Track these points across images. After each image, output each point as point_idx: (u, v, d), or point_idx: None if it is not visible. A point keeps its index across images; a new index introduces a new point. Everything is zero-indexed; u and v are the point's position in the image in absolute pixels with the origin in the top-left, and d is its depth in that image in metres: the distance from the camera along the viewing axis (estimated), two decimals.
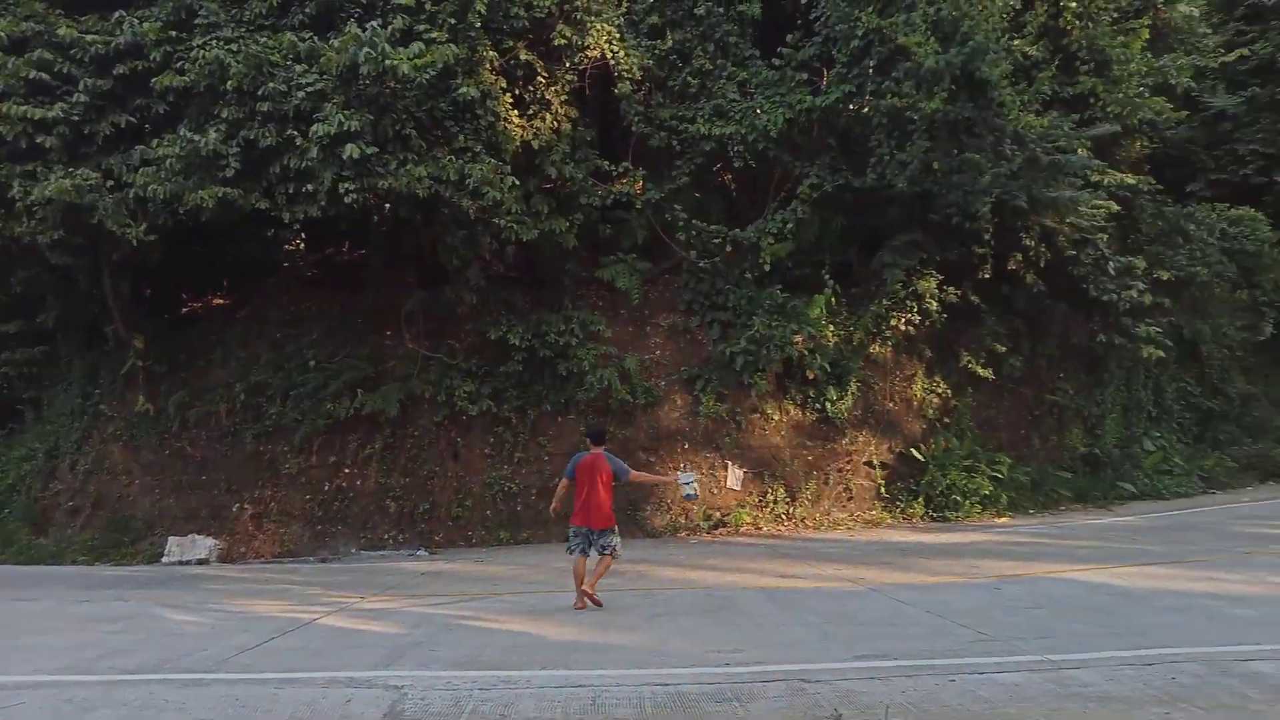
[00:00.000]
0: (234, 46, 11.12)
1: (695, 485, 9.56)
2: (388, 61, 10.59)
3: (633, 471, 9.29)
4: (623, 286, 14.08)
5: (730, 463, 13.73)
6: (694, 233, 13.91)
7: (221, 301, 17.03)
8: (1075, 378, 15.63)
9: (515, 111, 12.35)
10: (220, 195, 10.98)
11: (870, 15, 12.49)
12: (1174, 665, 6.72)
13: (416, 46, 11.00)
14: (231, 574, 12.37)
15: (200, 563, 13.14)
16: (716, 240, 13.88)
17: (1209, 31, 17.75)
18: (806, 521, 13.64)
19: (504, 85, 12.14)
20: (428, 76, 10.98)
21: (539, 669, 6.94)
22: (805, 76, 13.50)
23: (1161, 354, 14.82)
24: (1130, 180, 14.76)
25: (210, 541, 13.46)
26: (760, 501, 13.79)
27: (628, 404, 13.63)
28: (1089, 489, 14.93)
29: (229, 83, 10.87)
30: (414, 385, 13.74)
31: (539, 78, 12.62)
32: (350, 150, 10.70)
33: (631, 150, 14.09)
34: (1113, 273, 14.22)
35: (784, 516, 13.71)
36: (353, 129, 10.76)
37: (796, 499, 13.87)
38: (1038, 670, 6.68)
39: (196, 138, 10.89)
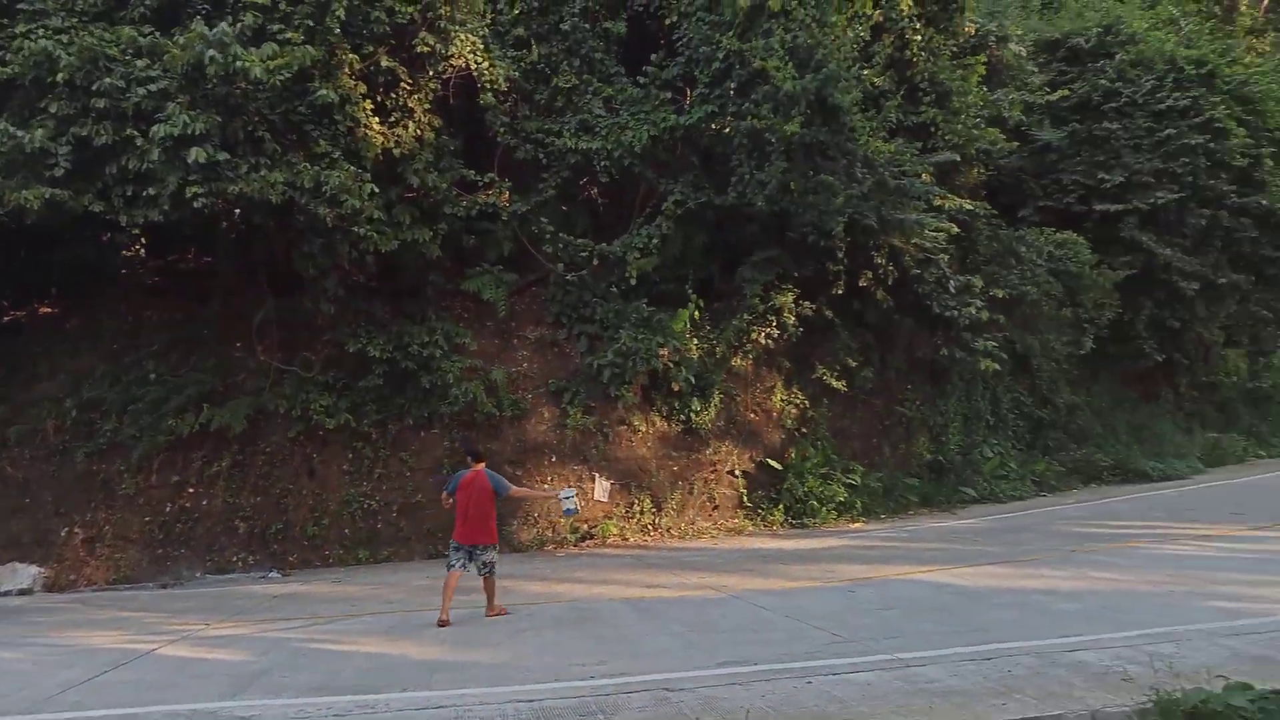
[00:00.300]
0: (64, 37, 10.34)
1: (575, 501, 9.67)
2: (238, 63, 10.10)
3: (513, 487, 9.42)
4: (489, 298, 13.92)
5: (597, 475, 13.75)
6: (561, 245, 13.92)
7: (49, 310, 15.72)
8: (921, 389, 16.53)
9: (376, 118, 12.03)
10: (47, 196, 10.16)
11: (731, 38, 12.90)
12: (1010, 658, 7.18)
13: (270, 48, 10.54)
14: (59, 604, 11.42)
15: (22, 593, 12.06)
16: (584, 253, 13.94)
17: (1036, 70, 19.23)
18: (672, 531, 13.83)
19: (364, 91, 11.81)
20: (282, 79, 10.54)
21: (399, 691, 6.74)
22: (669, 95, 13.78)
23: (997, 367, 15.88)
24: (968, 205, 15.77)
25: (34, 570, 12.38)
26: (627, 513, 13.89)
27: (494, 417, 13.47)
28: (934, 494, 15.79)
29: (59, 75, 10.09)
30: (266, 399, 13.11)
31: (401, 85, 12.35)
32: (196, 154, 10.12)
33: (497, 161, 13.99)
34: (953, 291, 15.14)
35: (650, 527, 13.86)
36: (198, 131, 10.19)
37: (662, 509, 14.04)
38: (888, 669, 6.99)
39: (20, 133, 10.05)
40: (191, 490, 13.07)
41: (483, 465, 9.19)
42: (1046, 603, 9.07)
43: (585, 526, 13.59)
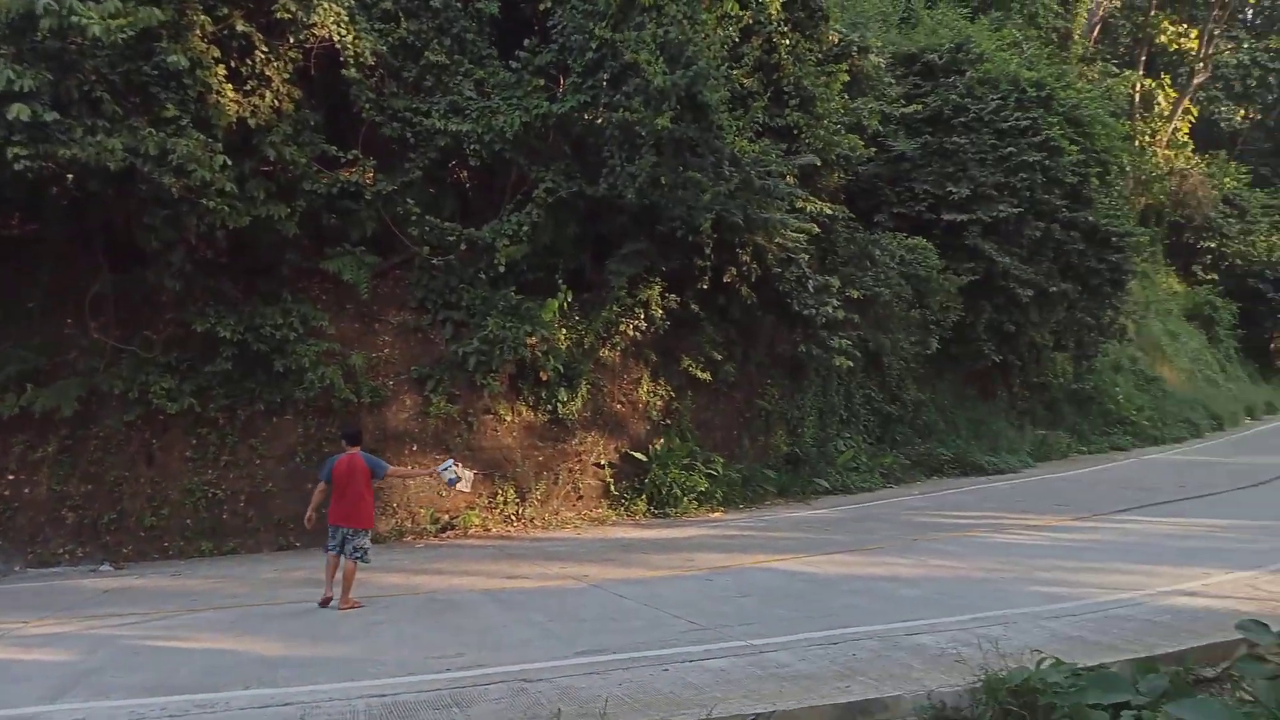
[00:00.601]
0: None
1: (456, 470, 9.63)
2: (74, 19, 9.31)
3: (390, 467, 9.59)
4: (349, 280, 13.41)
5: (460, 464, 13.53)
6: (427, 228, 13.56)
7: None
8: (780, 384, 17.09)
9: (230, 85, 11.36)
10: None
11: (604, 29, 12.89)
12: (855, 643, 7.53)
13: (112, 4, 9.76)
14: None
15: None
16: (451, 238, 13.63)
17: (893, 82, 20.16)
18: (536, 521, 13.77)
19: (217, 55, 11.13)
20: (124, 38, 9.79)
21: (241, 689, 6.42)
22: (542, 82, 13.64)
23: (851, 364, 16.60)
24: (828, 209, 16.39)
25: None
26: (490, 503, 13.73)
27: (352, 404, 13.01)
28: (791, 485, 16.37)
29: None
30: (100, 380, 12.18)
31: (258, 51, 11.70)
32: (19, 111, 9.27)
33: (362, 139, 13.47)
34: (812, 290, 15.71)
35: (514, 517, 13.75)
36: (25, 88, 9.33)
37: (526, 499, 13.95)
38: (742, 655, 7.20)
39: None
40: (11, 477, 12.01)
41: (358, 448, 9.09)
42: (890, 589, 9.56)
43: (446, 517, 13.36)
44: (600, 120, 13.31)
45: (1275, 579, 9.90)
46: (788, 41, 15.26)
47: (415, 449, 13.45)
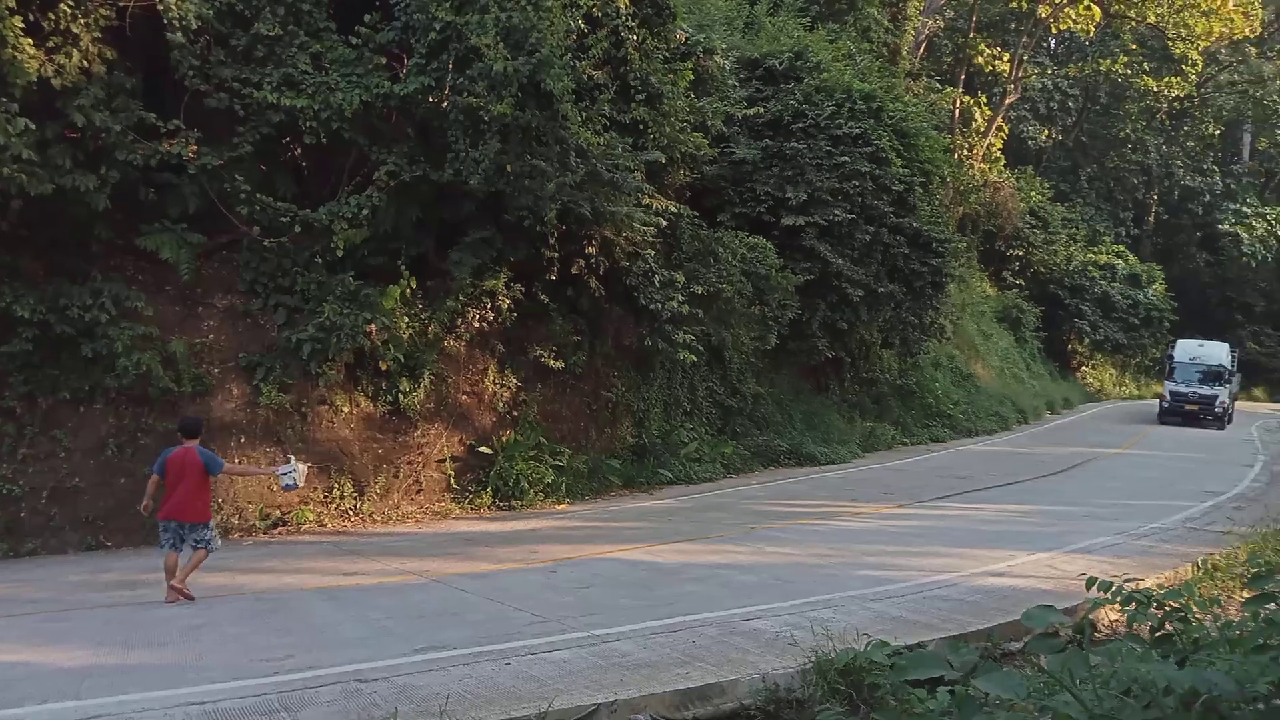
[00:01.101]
0: None
1: (296, 474, 9.43)
2: None
3: (226, 463, 9.48)
4: (169, 259, 12.43)
5: (293, 457, 12.85)
6: (258, 208, 12.77)
7: None
8: (627, 375, 17.26)
9: (29, 40, 10.29)
10: None
11: (446, 10, 12.52)
12: (695, 630, 7.71)
13: None
14: None
15: None
16: (284, 219, 12.89)
17: (737, 85, 20.71)
18: (375, 516, 13.29)
19: (12, 5, 10.05)
20: None
21: (38, 703, 5.86)
22: (385, 61, 13.10)
23: (695, 358, 16.97)
24: (674, 206, 16.66)
25: None
26: (326, 497, 13.13)
27: (172, 393, 12.09)
28: (636, 476, 16.57)
29: None
30: None
31: (63, 5, 10.65)
32: None
33: (185, 108, 12.50)
34: (658, 284, 15.94)
35: (351, 512, 13.21)
36: None
37: (365, 493, 13.44)
38: (584, 646, 7.22)
39: None
40: None
41: (195, 442, 8.91)
42: (729, 576, 9.86)
43: (278, 513, 12.67)
44: (445, 104, 12.96)
45: (1070, 559, 10.91)
46: (635, 37, 15.36)
47: (243, 441, 12.67)
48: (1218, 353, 35.51)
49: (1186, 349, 35.76)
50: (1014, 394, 32.92)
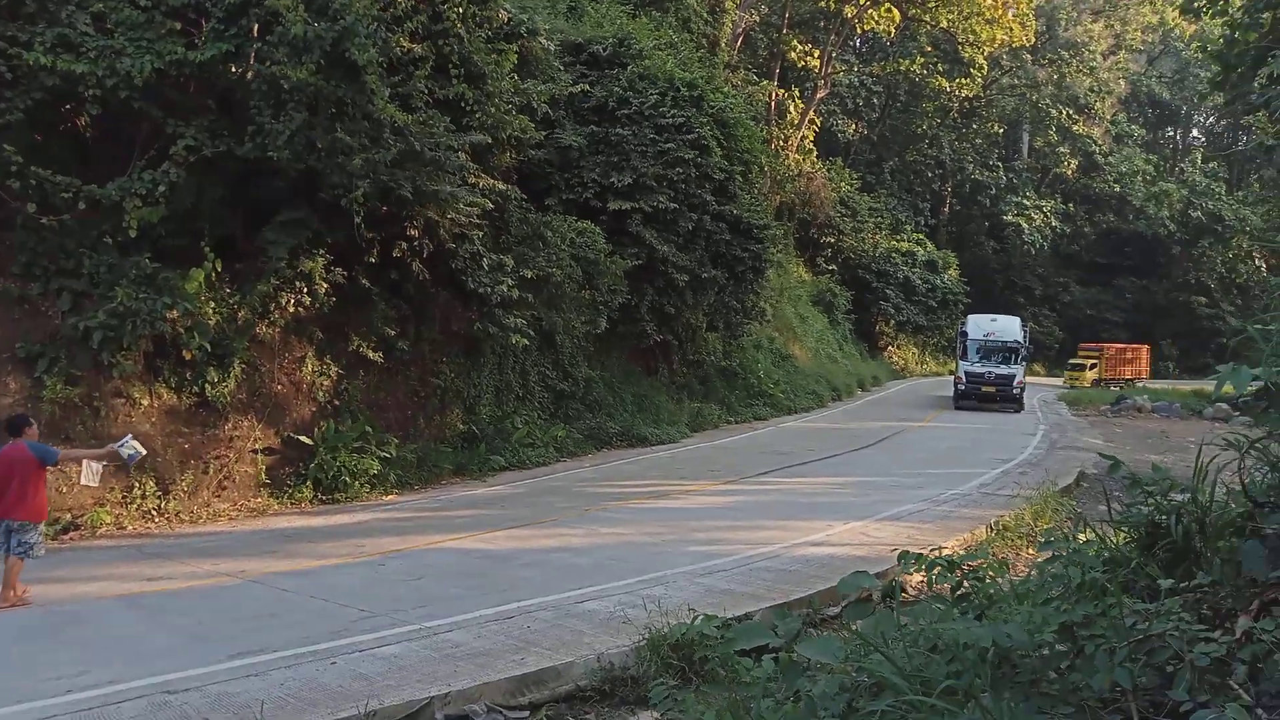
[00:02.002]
0: None
1: (135, 445, 9.19)
2: None
3: (61, 451, 9.15)
4: None
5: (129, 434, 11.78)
6: (33, 181, 11.49)
7: None
8: (456, 361, 16.89)
9: None
10: None
11: None
12: (529, 615, 7.68)
13: None
14: None
15: None
16: (66, 194, 11.65)
17: (562, 69, 20.64)
18: (182, 515, 12.35)
19: None
20: None
21: None
22: (179, 26, 12.08)
23: (526, 342, 16.82)
24: (501, 187, 16.41)
25: None
26: (125, 497, 12.05)
27: None
28: (468, 463, 16.27)
29: None
30: None
31: None
32: None
33: None
34: (487, 268, 15.66)
35: (155, 513, 12.19)
36: None
37: (170, 492, 12.45)
38: (416, 639, 7.04)
39: None
40: None
41: (22, 437, 8.48)
42: (563, 559, 9.89)
43: (69, 516, 11.53)
44: (249, 74, 12.12)
45: (881, 526, 11.69)
46: (457, 13, 14.94)
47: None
48: (1011, 327, 34.03)
49: (979, 325, 33.95)
50: (829, 373, 34.84)
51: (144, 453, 9.37)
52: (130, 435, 9.59)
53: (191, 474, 12.73)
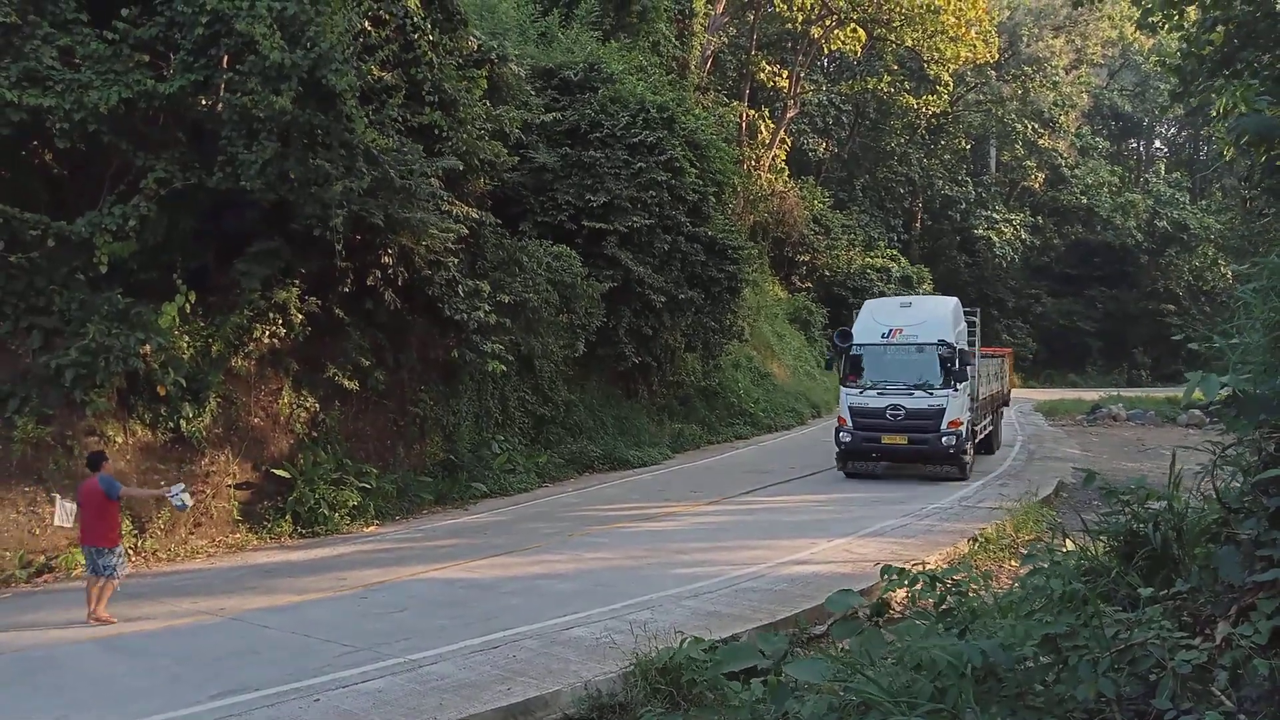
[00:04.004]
0: None
1: (185, 495, 9.74)
2: None
3: (123, 487, 9.54)
4: None
5: (58, 496, 11.57)
6: (1, 219, 11.35)
7: None
8: (434, 389, 16.81)
9: None
10: None
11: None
12: (515, 644, 7.62)
13: None
14: None
15: None
16: (35, 231, 11.53)
17: (534, 94, 20.75)
18: (159, 554, 12.16)
19: None
20: None
21: None
22: (148, 59, 12.02)
23: (504, 368, 16.78)
24: (475, 213, 16.43)
25: None
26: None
27: None
28: (448, 491, 16.16)
29: None
30: None
31: None
32: None
33: None
34: (463, 294, 15.64)
35: (130, 551, 11.97)
36: None
37: (146, 530, 12.27)
38: (400, 672, 6.96)
39: None
40: None
41: (98, 472, 9.34)
42: (547, 586, 9.82)
43: (42, 558, 11.33)
44: (219, 105, 12.07)
45: (865, 543, 11.71)
46: (427, 40, 15.00)
47: None
48: (935, 316, 18.12)
49: (877, 317, 18.63)
50: (807, 390, 34.96)
51: (191, 504, 9.82)
52: (182, 485, 9.96)
53: (168, 511, 12.54)
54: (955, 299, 20.06)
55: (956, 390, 17.02)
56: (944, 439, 16.87)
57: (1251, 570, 3.85)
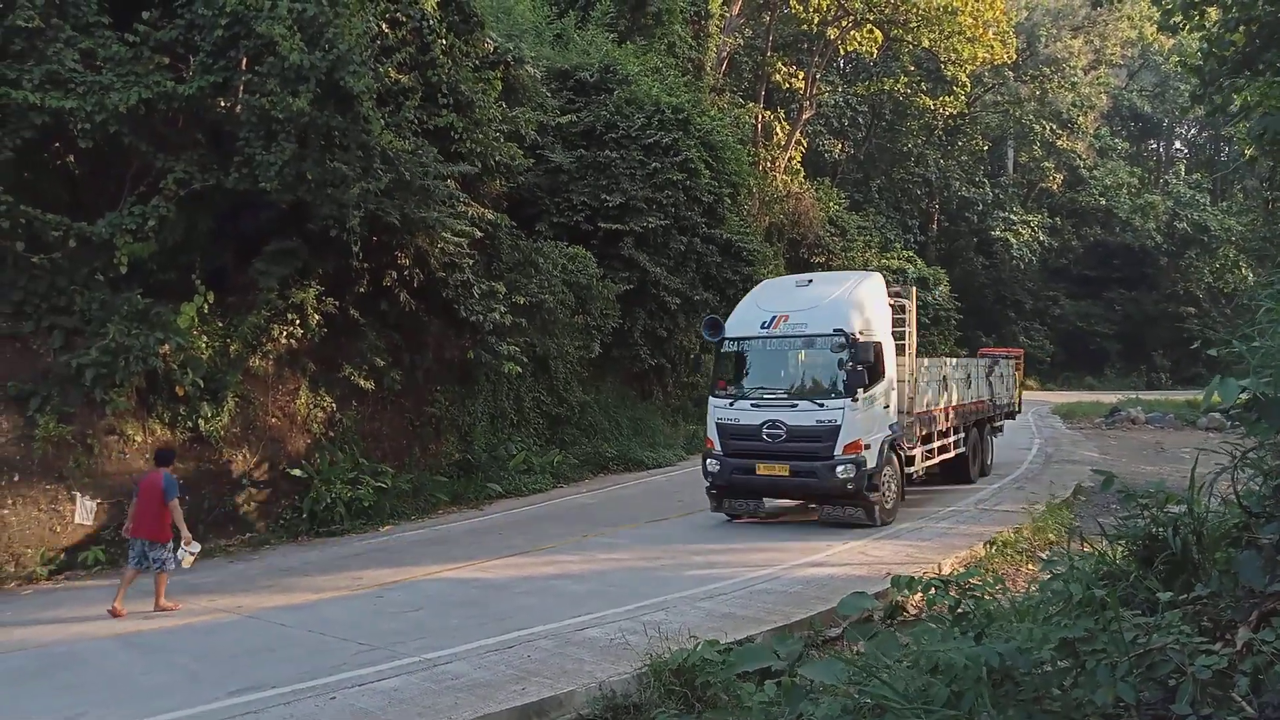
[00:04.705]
0: None
1: (191, 557, 9.59)
2: None
3: (175, 499, 9.55)
4: None
5: (79, 494, 11.71)
6: (23, 220, 11.49)
7: None
8: (450, 390, 16.87)
9: None
10: None
11: (234, 1, 11.77)
12: (529, 644, 7.63)
13: None
14: None
15: None
16: (56, 232, 11.67)
17: (549, 95, 20.82)
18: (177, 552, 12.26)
19: None
20: None
21: None
22: (167, 60, 12.13)
23: (520, 369, 16.83)
24: (490, 215, 16.49)
25: None
26: (117, 536, 11.97)
27: None
28: (464, 492, 16.21)
29: None
30: None
31: None
32: None
33: None
34: (478, 295, 15.70)
35: None
36: None
37: None
38: (416, 671, 6.98)
39: None
40: None
41: (164, 468, 9.71)
42: (562, 586, 9.84)
43: (63, 556, 11.46)
44: (238, 107, 12.16)
45: (880, 545, 11.65)
46: (443, 42, 15.07)
47: (17, 479, 11.36)
48: (832, 302, 13.27)
49: (761, 303, 14.04)
50: None
51: (186, 568, 9.69)
52: (199, 546, 9.91)
53: (186, 510, 12.64)
54: (875, 275, 14.66)
55: (858, 400, 12.25)
56: (839, 469, 12.06)
57: (1273, 575, 3.81)
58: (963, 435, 16.92)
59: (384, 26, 13.81)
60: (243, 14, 11.74)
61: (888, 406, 13.15)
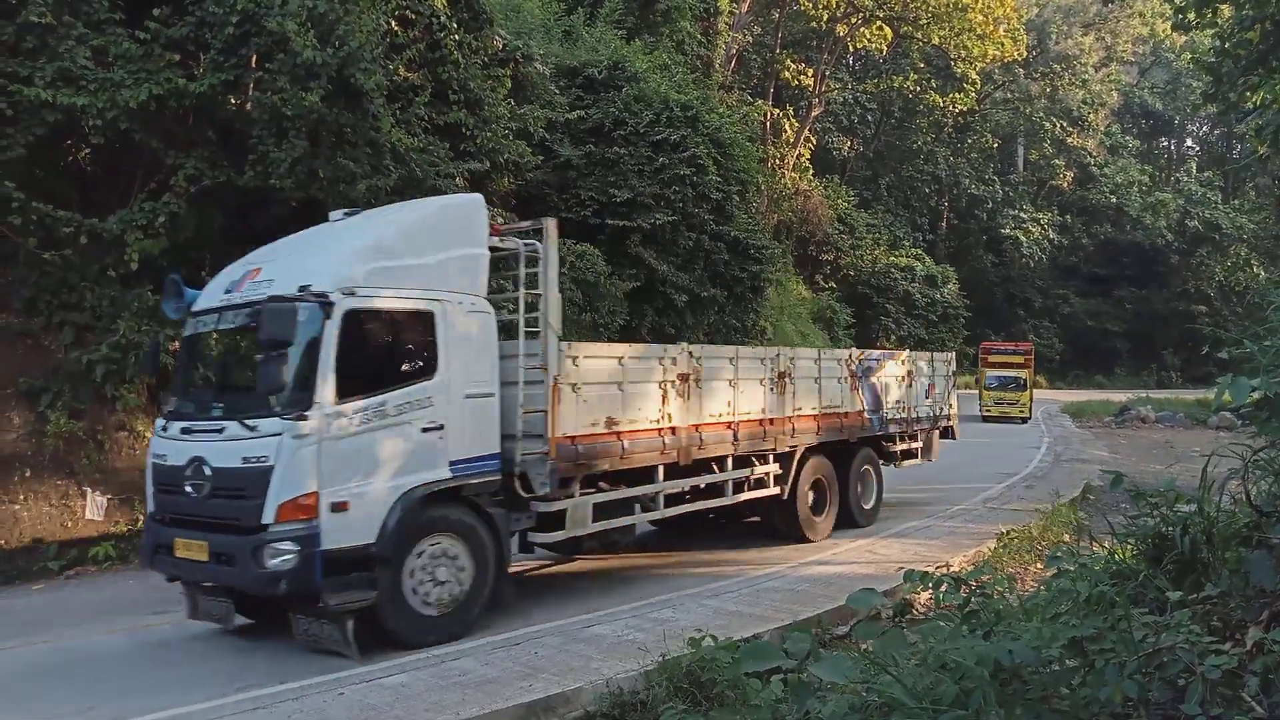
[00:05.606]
0: None
1: None
2: None
3: None
4: None
5: (90, 489, 11.78)
6: (34, 217, 11.55)
7: None
8: None
9: None
10: None
11: None
12: (536, 640, 7.65)
13: None
14: None
15: None
16: (67, 229, 11.73)
17: (558, 92, 20.80)
18: None
19: None
20: None
21: None
22: (178, 58, 12.18)
23: None
24: (500, 214, 16.47)
25: None
26: (129, 531, 12.04)
27: None
28: None
29: None
30: None
31: None
32: None
33: None
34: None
35: None
36: None
37: None
38: (424, 667, 7.00)
39: None
40: None
41: None
42: (569, 582, 9.86)
43: (74, 551, 11.51)
44: (248, 104, 12.21)
45: (888, 543, 11.65)
46: (454, 39, 15.09)
47: (28, 475, 11.43)
48: (341, 239, 8.89)
49: (258, 253, 9.05)
50: None
51: None
52: None
53: None
54: (469, 198, 10.14)
55: (310, 419, 6.84)
56: (267, 551, 6.77)
57: None
58: (791, 468, 11.46)
59: (394, 24, 13.83)
60: (253, 11, 11.79)
61: (440, 428, 7.63)
